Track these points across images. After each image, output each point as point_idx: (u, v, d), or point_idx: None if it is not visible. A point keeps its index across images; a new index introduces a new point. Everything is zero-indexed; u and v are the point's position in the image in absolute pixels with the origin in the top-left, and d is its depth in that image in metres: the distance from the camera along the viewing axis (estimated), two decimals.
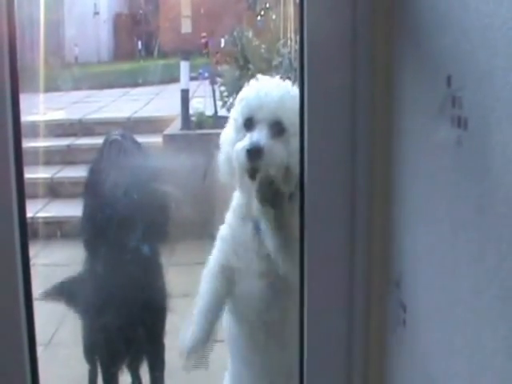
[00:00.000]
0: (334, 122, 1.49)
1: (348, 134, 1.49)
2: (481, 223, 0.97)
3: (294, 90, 1.95)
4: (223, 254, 2.11)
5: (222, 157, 2.08)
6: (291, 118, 1.88)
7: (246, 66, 5.96)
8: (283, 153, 1.94)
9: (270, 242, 1.98)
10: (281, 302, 2.06)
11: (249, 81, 2.07)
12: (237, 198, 2.09)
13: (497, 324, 0.92)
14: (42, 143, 5.77)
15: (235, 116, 2.05)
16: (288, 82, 2.06)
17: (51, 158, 6.08)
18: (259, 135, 1.93)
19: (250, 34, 6.43)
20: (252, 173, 1.94)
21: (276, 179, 1.93)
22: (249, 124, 1.98)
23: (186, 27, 8.02)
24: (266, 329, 2.10)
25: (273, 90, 2.01)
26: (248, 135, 1.96)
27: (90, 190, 2.89)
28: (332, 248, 1.54)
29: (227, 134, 2.07)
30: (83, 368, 2.98)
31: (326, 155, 1.51)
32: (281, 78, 2.11)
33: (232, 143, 2.00)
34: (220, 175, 2.09)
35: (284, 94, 1.99)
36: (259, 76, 2.08)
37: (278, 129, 1.96)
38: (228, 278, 2.10)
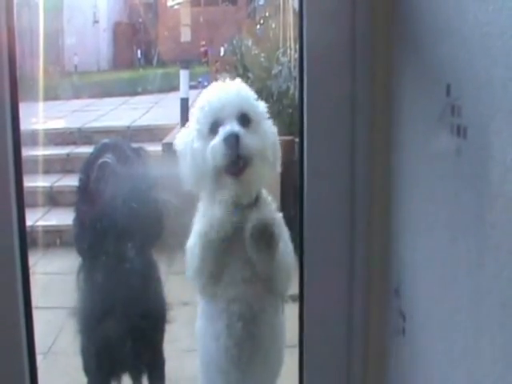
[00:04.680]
0: (334, 131, 1.50)
1: (347, 143, 1.49)
2: (480, 232, 0.97)
3: (243, 84, 2.04)
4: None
5: (185, 168, 2.02)
6: (253, 107, 1.96)
7: (245, 75, 5.95)
8: (257, 139, 1.93)
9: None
10: (268, 316, 2.02)
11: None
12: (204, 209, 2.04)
13: (496, 332, 0.92)
14: (41, 152, 5.76)
15: (198, 124, 2.03)
16: (237, 80, 2.08)
17: (51, 166, 6.07)
18: (231, 126, 1.92)
19: (250, 43, 6.43)
20: (232, 166, 1.93)
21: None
22: (215, 127, 1.96)
23: (186, 36, 8.04)
24: (252, 343, 2.07)
25: (228, 89, 2.02)
26: (219, 132, 1.94)
27: (83, 198, 2.88)
28: (331, 257, 1.54)
29: (187, 144, 2.03)
30: (83, 377, 2.97)
31: (326, 165, 1.51)
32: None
33: (199, 151, 1.97)
34: (186, 185, 2.05)
35: (239, 89, 2.01)
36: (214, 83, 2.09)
37: (244, 120, 1.95)
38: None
